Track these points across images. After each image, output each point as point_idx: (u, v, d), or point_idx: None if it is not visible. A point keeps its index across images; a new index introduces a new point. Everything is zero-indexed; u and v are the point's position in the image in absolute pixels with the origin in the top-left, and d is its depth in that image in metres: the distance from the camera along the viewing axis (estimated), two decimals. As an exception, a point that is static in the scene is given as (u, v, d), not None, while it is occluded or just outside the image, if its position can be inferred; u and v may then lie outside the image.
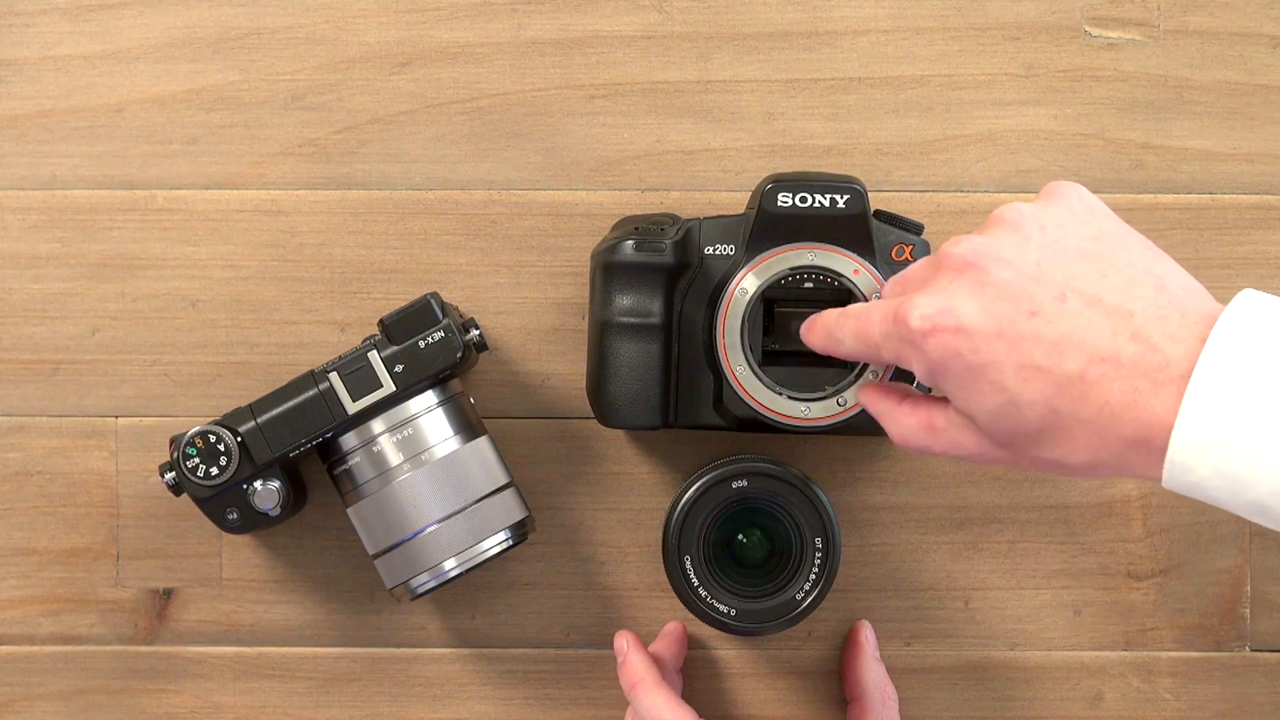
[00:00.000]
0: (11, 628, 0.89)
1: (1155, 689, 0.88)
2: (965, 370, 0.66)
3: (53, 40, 0.88)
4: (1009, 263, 0.66)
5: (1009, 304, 0.65)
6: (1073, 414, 0.64)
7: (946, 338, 0.66)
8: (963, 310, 0.66)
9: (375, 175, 0.88)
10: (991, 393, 0.66)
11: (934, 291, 0.67)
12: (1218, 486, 0.61)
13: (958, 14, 0.88)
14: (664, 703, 0.80)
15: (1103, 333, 0.64)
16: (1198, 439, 0.61)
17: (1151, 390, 0.62)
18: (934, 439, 0.70)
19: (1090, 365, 0.63)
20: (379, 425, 0.81)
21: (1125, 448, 0.63)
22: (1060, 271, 0.65)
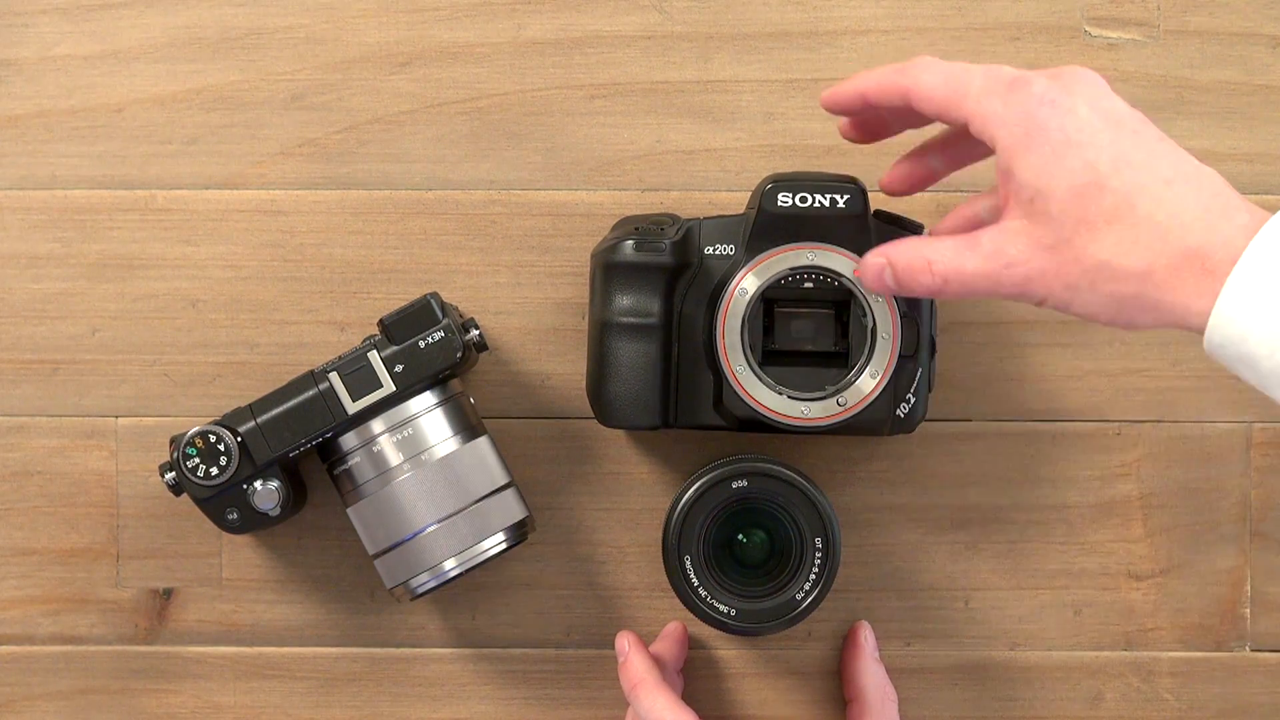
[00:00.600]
0: (11, 628, 0.89)
1: (1155, 689, 0.88)
2: (1063, 143, 0.68)
3: (53, 40, 0.88)
4: (1122, 101, 0.71)
5: (1117, 116, 0.70)
6: (1148, 212, 0.67)
7: (1057, 111, 0.69)
8: (1078, 103, 0.69)
9: (375, 175, 0.88)
10: (1081, 169, 0.68)
11: (1055, 81, 0.70)
12: (1260, 338, 0.64)
13: (958, 14, 0.88)
14: (664, 704, 0.79)
15: (1190, 168, 0.69)
16: (1258, 281, 0.63)
17: (1222, 213, 0.66)
18: (972, 252, 0.71)
19: (1177, 179, 0.67)
20: (379, 425, 0.81)
21: (1182, 259, 0.65)
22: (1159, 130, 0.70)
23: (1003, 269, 0.69)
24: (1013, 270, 0.69)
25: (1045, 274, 0.69)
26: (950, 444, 0.88)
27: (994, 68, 0.72)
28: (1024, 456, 0.88)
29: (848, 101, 0.75)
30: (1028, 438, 0.88)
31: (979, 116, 0.70)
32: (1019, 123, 0.69)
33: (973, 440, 0.88)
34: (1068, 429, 0.88)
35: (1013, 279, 0.69)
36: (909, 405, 0.81)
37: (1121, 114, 0.69)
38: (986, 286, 0.70)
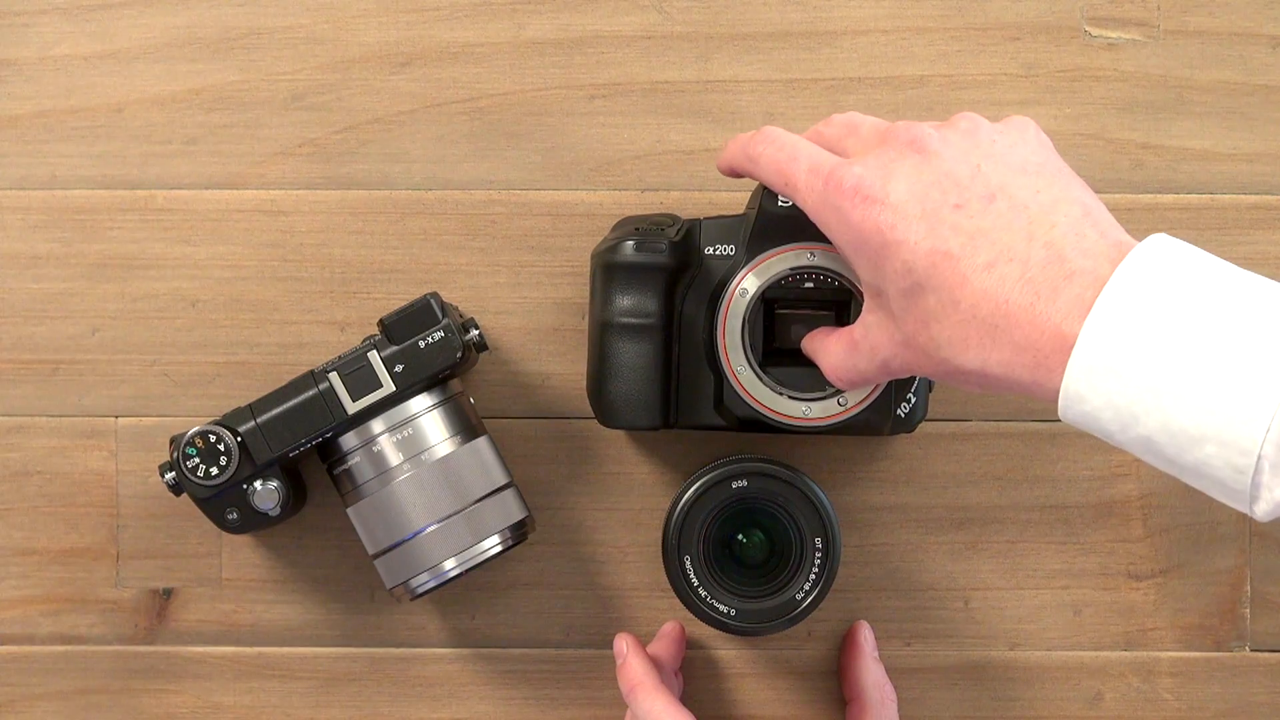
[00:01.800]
0: (11, 628, 0.89)
1: (1155, 689, 0.88)
2: (881, 245, 0.67)
3: (53, 40, 0.88)
4: (952, 158, 0.68)
5: (939, 192, 0.67)
6: (971, 306, 0.65)
7: (871, 208, 0.68)
8: (895, 187, 0.67)
9: (375, 175, 0.88)
10: (902, 273, 0.67)
11: (872, 163, 0.69)
12: (1110, 418, 0.62)
13: (958, 14, 0.88)
14: (663, 706, 0.79)
15: (1019, 235, 0.65)
16: (1095, 364, 0.61)
17: (1051, 295, 0.63)
18: (857, 354, 0.73)
19: (999, 261, 0.64)
20: (379, 425, 0.81)
21: (1013, 355, 0.64)
22: (997, 177, 0.67)
23: (884, 365, 0.72)
24: (891, 365, 0.71)
25: (915, 364, 0.70)
26: (950, 444, 0.88)
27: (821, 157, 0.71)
28: (1024, 456, 0.88)
29: (727, 172, 0.78)
30: (1027, 438, 0.88)
31: (808, 212, 0.71)
32: (840, 226, 0.69)
33: (972, 440, 0.88)
34: (1067, 429, 0.88)
35: (896, 369, 0.71)
36: (909, 405, 0.81)
37: (948, 185, 0.67)
38: (884, 377, 0.74)
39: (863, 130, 0.72)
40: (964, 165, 0.67)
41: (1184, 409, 0.60)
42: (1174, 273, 0.62)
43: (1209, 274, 0.62)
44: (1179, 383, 0.60)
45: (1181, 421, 0.60)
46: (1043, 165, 0.68)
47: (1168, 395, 0.60)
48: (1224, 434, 0.59)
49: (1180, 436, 0.60)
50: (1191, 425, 0.60)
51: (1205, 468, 0.61)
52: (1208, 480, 0.61)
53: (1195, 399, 0.60)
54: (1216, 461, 0.60)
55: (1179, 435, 0.60)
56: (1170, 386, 0.60)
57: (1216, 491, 0.62)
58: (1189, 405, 0.60)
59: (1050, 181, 0.67)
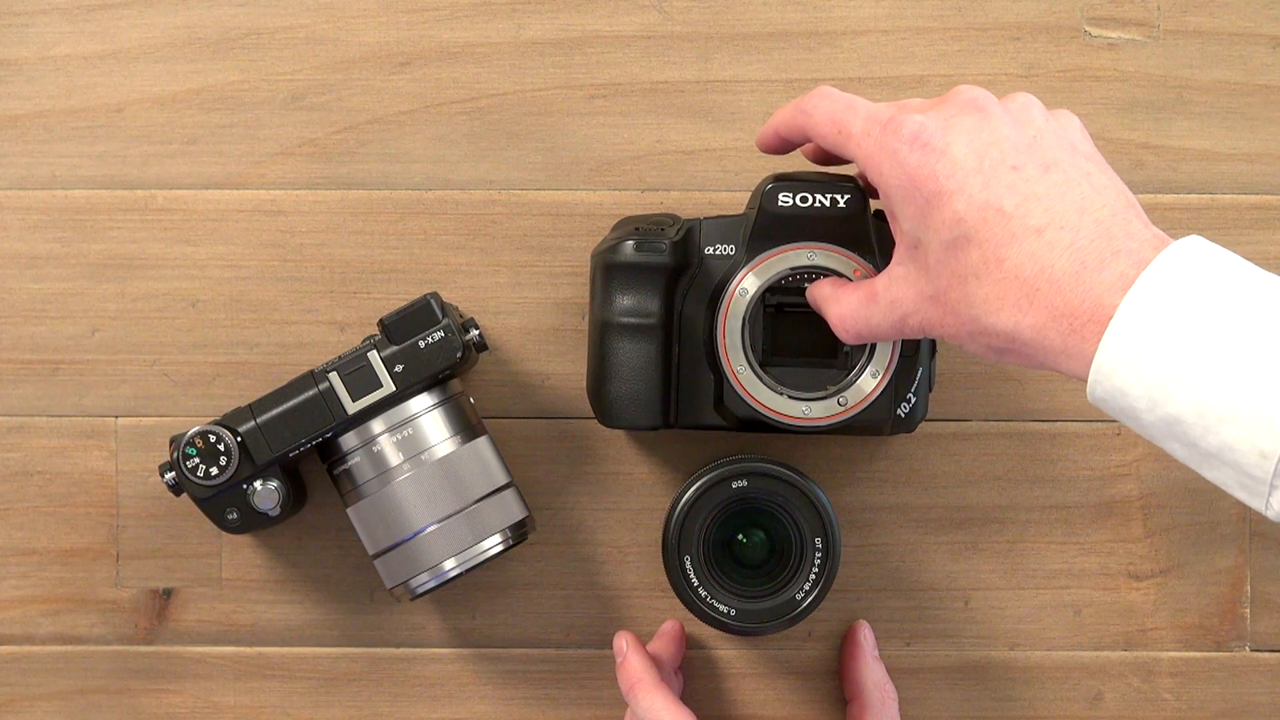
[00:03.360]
0: (11, 628, 0.89)
1: (1155, 689, 0.88)
2: (933, 193, 0.68)
3: (53, 40, 0.88)
4: (1011, 124, 0.69)
5: (997, 151, 0.67)
6: (1016, 266, 0.65)
7: (929, 156, 0.68)
8: (954, 139, 0.68)
9: (375, 175, 0.88)
10: (950, 223, 0.67)
11: (933, 115, 0.69)
12: (1139, 394, 0.62)
13: (958, 14, 0.88)
14: (663, 704, 0.79)
15: (1072, 206, 0.65)
16: (1131, 338, 0.62)
17: (1097, 267, 0.63)
18: (874, 305, 0.73)
19: (1050, 226, 0.65)
20: (379, 425, 0.81)
21: (1049, 320, 0.64)
22: (1052, 151, 0.68)
23: (901, 320, 0.72)
24: (909, 320, 0.71)
25: (936, 322, 0.70)
26: (950, 444, 0.88)
27: (880, 107, 0.71)
28: (1024, 456, 0.88)
29: (771, 142, 0.78)
30: (1028, 438, 0.88)
31: (860, 159, 0.71)
32: (893, 170, 0.69)
33: (972, 440, 0.88)
34: (1067, 429, 0.88)
35: (913, 327, 0.71)
36: (910, 405, 0.81)
37: (1007, 147, 0.68)
38: (894, 335, 0.73)
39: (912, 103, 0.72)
40: (1022, 134, 0.68)
41: (1216, 388, 0.60)
42: (1213, 265, 0.62)
43: (1245, 271, 0.63)
44: (1213, 363, 0.60)
45: (1211, 400, 0.60)
46: (1091, 154, 0.69)
47: (1200, 373, 0.60)
48: (1254, 415, 0.60)
49: (1209, 415, 0.61)
50: (1221, 404, 0.60)
51: (1229, 452, 0.61)
52: (1227, 468, 0.61)
53: (1228, 380, 0.60)
54: (1242, 445, 0.60)
55: (1207, 414, 0.61)
56: (1204, 365, 0.60)
57: (1234, 482, 0.62)
58: (1221, 385, 0.60)
59: (1099, 169, 0.68)
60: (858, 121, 0.72)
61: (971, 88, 0.71)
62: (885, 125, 0.70)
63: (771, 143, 0.78)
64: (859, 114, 0.72)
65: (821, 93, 0.74)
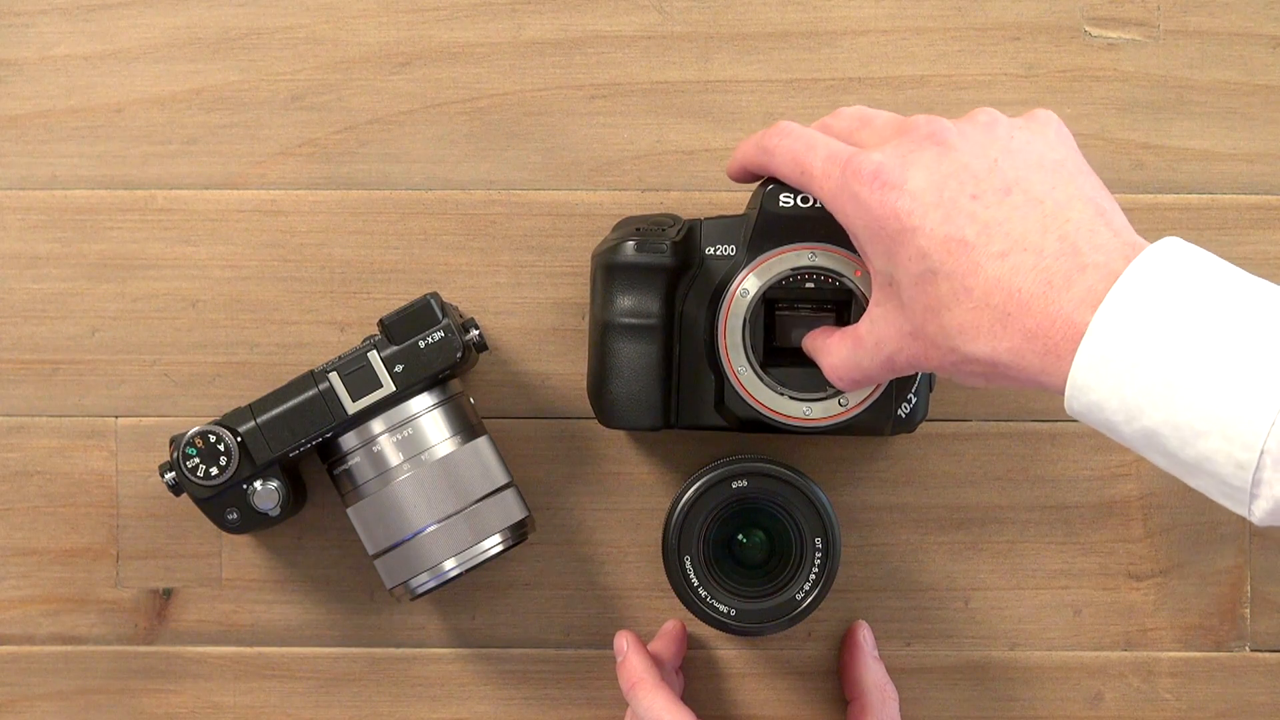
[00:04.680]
0: (11, 628, 0.89)
1: (1155, 689, 0.88)
2: (896, 231, 0.68)
3: (53, 40, 0.88)
4: (970, 151, 0.69)
5: (956, 183, 0.67)
6: (984, 294, 0.65)
7: (889, 194, 0.68)
8: (913, 175, 0.68)
9: (375, 175, 0.88)
10: (916, 259, 0.67)
11: (891, 152, 0.69)
12: (1115, 408, 0.62)
13: (958, 14, 0.88)
14: (663, 703, 0.79)
15: (1033, 226, 0.66)
16: (1104, 354, 0.62)
17: (1064, 285, 0.64)
18: (861, 350, 0.73)
19: (1013, 250, 0.65)
20: (379, 425, 0.81)
21: (1024, 343, 0.64)
22: (1013, 172, 0.68)
23: (889, 359, 0.72)
24: (897, 359, 0.72)
25: (921, 356, 0.70)
26: (950, 444, 0.88)
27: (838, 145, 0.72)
28: (1024, 456, 0.88)
29: (739, 174, 0.79)
30: (1028, 438, 0.88)
31: (824, 199, 0.72)
32: (856, 211, 0.70)
33: (973, 440, 0.88)
34: (1067, 429, 0.88)
35: (901, 364, 0.72)
36: (910, 405, 0.81)
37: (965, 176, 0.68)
38: (887, 375, 0.74)
39: (877, 123, 0.73)
40: (981, 159, 0.68)
41: (1190, 402, 0.60)
42: (1186, 272, 0.62)
43: (1220, 276, 0.62)
44: (1187, 376, 0.60)
45: (1187, 414, 0.60)
46: (1060, 162, 0.69)
47: (1175, 387, 0.61)
48: (1228, 428, 0.60)
49: (1185, 429, 0.61)
50: (1197, 418, 0.60)
51: (1207, 463, 0.61)
52: (1207, 477, 0.61)
53: (1202, 392, 0.60)
54: (1219, 457, 0.60)
55: (1183, 428, 0.61)
56: (1178, 379, 0.60)
57: (1215, 490, 0.62)
58: (1195, 398, 0.60)
59: (1067, 179, 0.68)
60: (817, 162, 0.72)
61: (931, 119, 0.70)
62: (844, 166, 0.70)
63: (739, 175, 0.79)
64: (818, 154, 0.72)
65: (781, 130, 0.75)
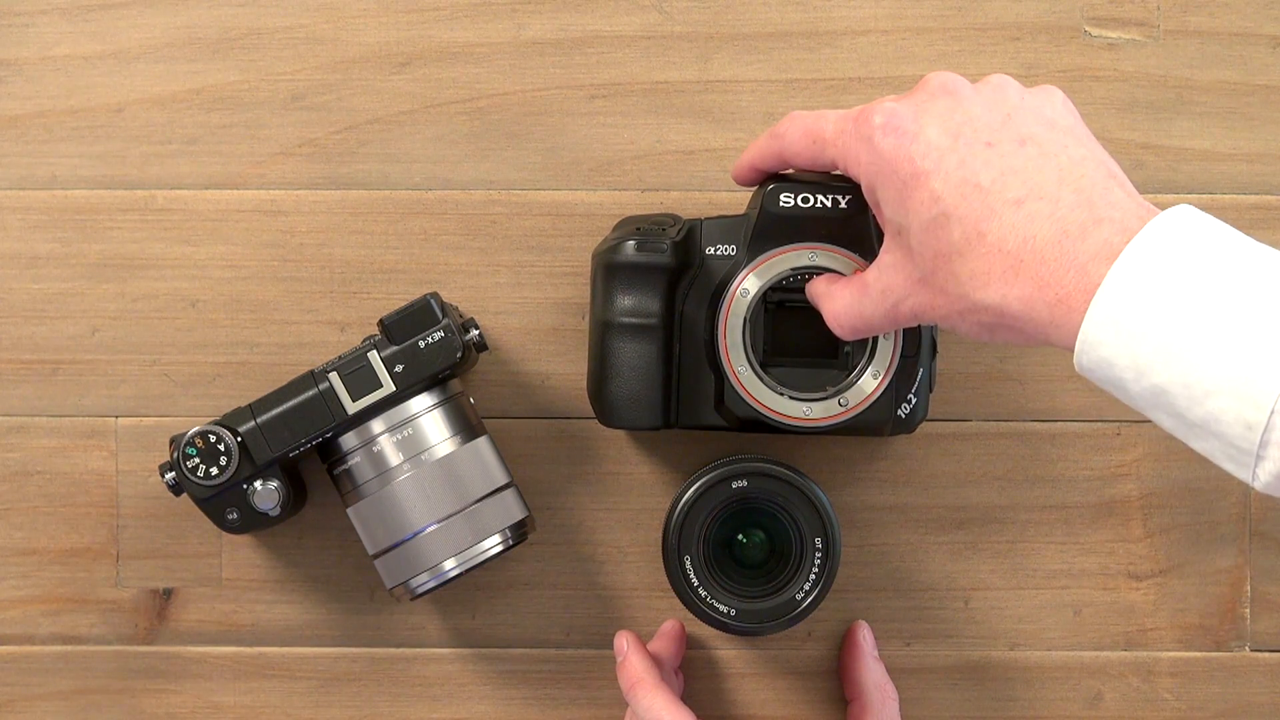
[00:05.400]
0: (11, 628, 0.89)
1: (1155, 689, 0.88)
2: (910, 175, 0.68)
3: (53, 40, 0.88)
4: (984, 105, 0.69)
5: (971, 130, 0.68)
6: (998, 239, 0.65)
7: (902, 140, 0.68)
8: (927, 123, 0.68)
9: (375, 175, 0.88)
10: (928, 202, 0.67)
11: (905, 102, 0.70)
12: (1125, 364, 0.62)
13: (958, 14, 0.88)
14: (663, 703, 0.79)
15: (1049, 178, 0.65)
16: (1117, 308, 0.62)
17: (1079, 235, 0.63)
18: (866, 297, 0.73)
19: (1029, 198, 0.65)
20: (379, 425, 0.81)
21: (1036, 292, 0.64)
22: (1027, 127, 0.68)
23: (894, 307, 0.72)
24: (902, 307, 0.71)
25: (927, 305, 0.70)
26: (950, 444, 0.88)
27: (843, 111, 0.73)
28: (1024, 456, 0.88)
29: (747, 174, 0.79)
30: (1028, 438, 0.88)
31: (839, 158, 0.72)
32: (869, 158, 0.70)
33: (972, 440, 0.88)
34: (1067, 429, 0.88)
35: (906, 313, 0.72)
36: (910, 405, 0.81)
37: (980, 125, 0.68)
38: (889, 324, 0.73)
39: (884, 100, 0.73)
40: (995, 112, 0.68)
41: (1202, 360, 0.60)
42: (1202, 234, 0.62)
43: (1235, 240, 0.62)
44: (1200, 334, 0.60)
45: (1198, 372, 0.60)
46: (1071, 127, 0.69)
47: (1187, 345, 0.60)
48: (1240, 387, 0.60)
49: (1195, 387, 0.61)
50: (1208, 376, 0.60)
51: (1215, 423, 0.61)
52: (1214, 439, 0.61)
53: (1214, 351, 0.60)
54: (1228, 416, 0.60)
55: (1193, 386, 0.61)
56: (1191, 337, 0.60)
57: (1220, 453, 0.62)
58: (1207, 357, 0.60)
59: (1079, 141, 0.68)
60: (829, 126, 0.73)
61: (942, 73, 0.71)
62: (857, 118, 0.71)
63: (747, 176, 0.79)
64: (829, 120, 0.73)
65: (791, 116, 0.75)
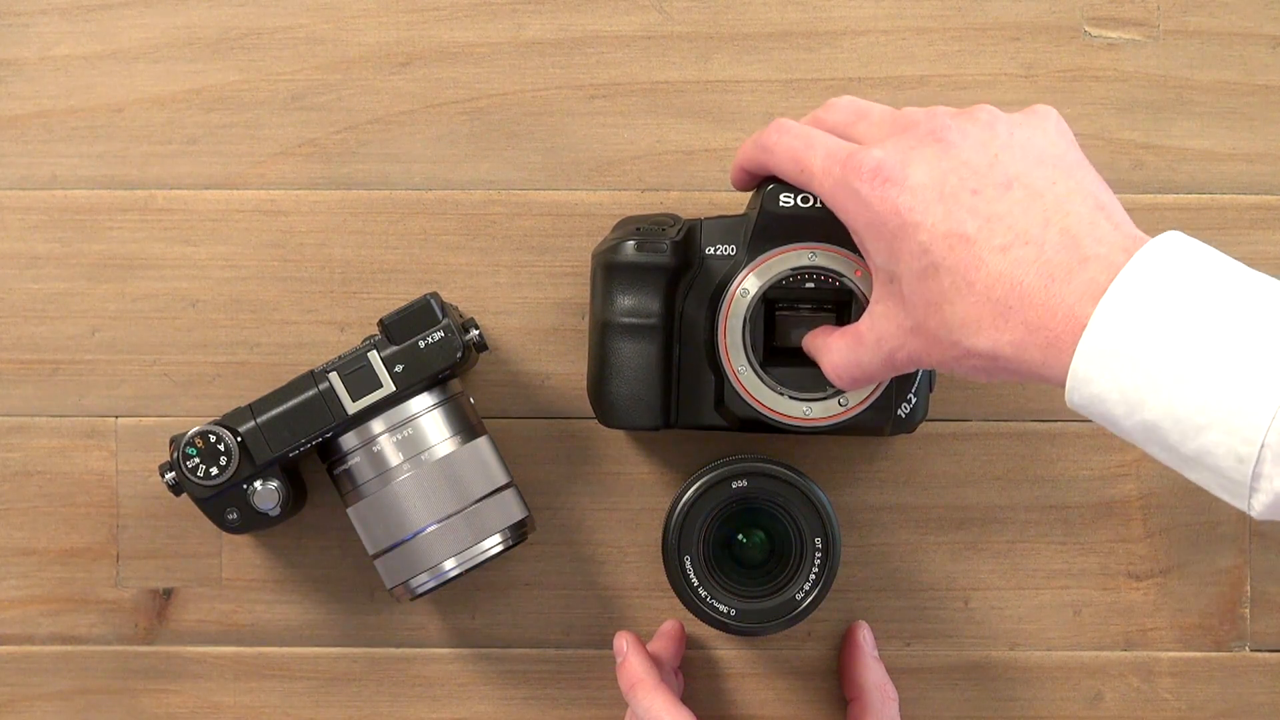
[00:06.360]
0: (11, 628, 0.89)
1: (1155, 689, 0.88)
2: (898, 227, 0.68)
3: (53, 40, 0.88)
4: (970, 147, 0.69)
5: (956, 178, 0.68)
6: (986, 288, 0.66)
7: (889, 190, 0.68)
8: (914, 172, 0.68)
9: (375, 175, 0.88)
10: (917, 254, 0.68)
11: (891, 148, 0.70)
12: (1116, 400, 0.62)
13: (958, 14, 0.88)
14: (663, 704, 0.79)
15: (1035, 220, 0.66)
16: (1106, 346, 0.62)
17: (1065, 278, 0.64)
18: (861, 348, 0.73)
19: (1014, 244, 0.65)
20: (379, 425, 0.81)
21: (1026, 335, 0.64)
22: (1014, 167, 0.68)
23: (890, 356, 0.72)
24: (897, 356, 0.72)
25: (922, 352, 0.70)
26: (950, 444, 0.88)
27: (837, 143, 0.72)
28: (1024, 456, 0.88)
29: (742, 179, 0.79)
30: (1027, 438, 0.88)
31: (824, 197, 0.72)
32: (857, 208, 0.70)
33: (972, 440, 0.88)
34: (1067, 429, 0.88)
35: (902, 361, 0.72)
36: (910, 405, 0.81)
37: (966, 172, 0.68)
38: (887, 372, 0.74)
39: (873, 116, 0.73)
40: (982, 154, 0.68)
41: (1191, 395, 0.60)
42: (1187, 265, 0.62)
43: (1221, 269, 0.62)
44: (1188, 369, 0.60)
45: (1188, 407, 0.61)
46: (1060, 157, 0.69)
47: (1176, 380, 0.61)
48: (1229, 421, 0.60)
49: (1185, 423, 0.61)
50: (1197, 411, 0.60)
51: (1207, 457, 0.61)
52: (1208, 472, 0.61)
53: (1203, 385, 0.60)
54: (1219, 450, 0.60)
55: (1184, 421, 0.61)
56: (1179, 372, 0.61)
57: (1215, 484, 0.62)
58: (1196, 391, 0.60)
59: (1067, 173, 0.68)
60: (817, 160, 0.72)
61: (930, 115, 0.71)
62: (844, 164, 0.70)
63: (742, 180, 0.79)
64: (817, 152, 0.73)
65: (779, 127, 0.75)
